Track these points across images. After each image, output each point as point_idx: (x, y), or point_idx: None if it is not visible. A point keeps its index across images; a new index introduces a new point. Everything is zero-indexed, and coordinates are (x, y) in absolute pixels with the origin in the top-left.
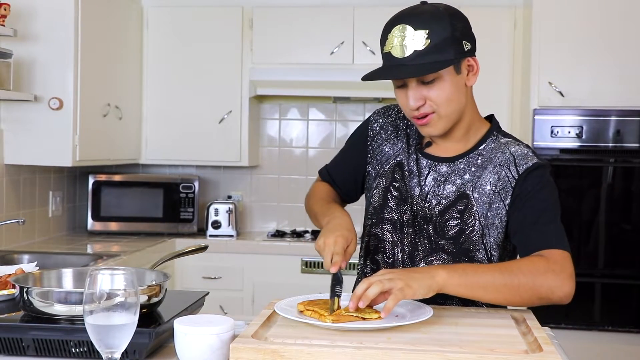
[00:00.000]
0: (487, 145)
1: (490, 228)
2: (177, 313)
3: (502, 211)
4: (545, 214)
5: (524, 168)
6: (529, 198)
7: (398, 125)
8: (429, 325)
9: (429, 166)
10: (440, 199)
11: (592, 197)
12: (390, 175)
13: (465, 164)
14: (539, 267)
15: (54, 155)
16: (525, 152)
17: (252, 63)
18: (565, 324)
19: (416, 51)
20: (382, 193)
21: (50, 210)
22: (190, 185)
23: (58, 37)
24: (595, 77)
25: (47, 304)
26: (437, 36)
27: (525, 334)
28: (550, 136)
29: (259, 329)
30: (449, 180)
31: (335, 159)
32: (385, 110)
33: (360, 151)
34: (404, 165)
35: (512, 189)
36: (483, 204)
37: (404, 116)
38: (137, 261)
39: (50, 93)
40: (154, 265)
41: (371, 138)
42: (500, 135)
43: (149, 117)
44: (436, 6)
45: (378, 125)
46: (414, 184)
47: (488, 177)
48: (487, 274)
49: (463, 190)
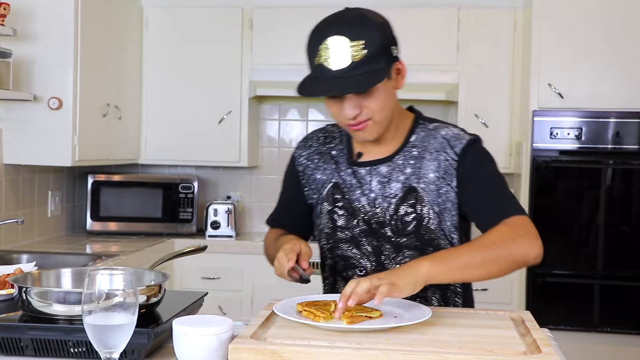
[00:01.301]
0: (417, 135)
1: (444, 213)
2: (176, 313)
3: (451, 194)
4: (493, 185)
5: (460, 148)
6: (473, 174)
7: (321, 150)
8: (427, 326)
9: (370, 172)
10: (389, 199)
11: (592, 199)
12: (330, 198)
13: (403, 159)
14: (507, 235)
15: (53, 155)
16: (456, 132)
17: (252, 63)
18: (564, 325)
19: (353, 62)
20: (328, 217)
21: (49, 210)
22: (190, 186)
23: (58, 37)
24: (595, 79)
25: (45, 304)
26: (371, 46)
27: (524, 335)
28: (550, 138)
29: (258, 329)
30: (392, 179)
31: (278, 206)
32: (305, 142)
33: (296, 190)
34: (341, 184)
35: (455, 171)
36: (431, 191)
37: (324, 140)
38: (136, 261)
39: (49, 93)
40: (153, 265)
41: (302, 173)
42: (426, 122)
43: (149, 117)
44: (363, 13)
45: (304, 158)
46: (357, 196)
47: (428, 165)
48: (466, 254)
49: (409, 184)
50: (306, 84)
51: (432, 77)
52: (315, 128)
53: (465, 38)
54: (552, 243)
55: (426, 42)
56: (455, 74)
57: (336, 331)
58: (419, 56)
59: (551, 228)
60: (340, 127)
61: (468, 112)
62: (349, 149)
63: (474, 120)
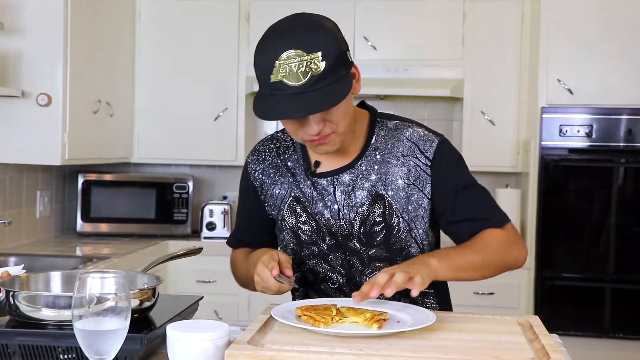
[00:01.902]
0: (377, 136)
1: (415, 221)
2: (170, 318)
3: (423, 201)
4: (473, 193)
5: (432, 152)
6: (449, 181)
7: (276, 163)
8: (431, 332)
9: (332, 183)
10: (356, 209)
11: (603, 199)
12: (292, 213)
13: (365, 164)
14: (503, 241)
15: (42, 153)
16: (422, 133)
17: (249, 58)
18: (574, 330)
19: (313, 76)
20: (292, 234)
21: (37, 211)
22: (184, 185)
23: (47, 31)
24: (606, 74)
25: (34, 309)
26: (330, 56)
27: (532, 340)
28: (559, 135)
29: (255, 334)
30: (357, 187)
31: (238, 224)
32: (258, 156)
33: (256, 205)
34: (301, 198)
35: (428, 177)
36: (400, 199)
37: (277, 152)
38: (129, 264)
39: (38, 89)
40: (146, 268)
41: (259, 188)
42: (384, 120)
43: (142, 114)
44: (314, 20)
45: (258, 173)
46: (320, 209)
47: (396, 171)
48: (467, 256)
49: (376, 192)
50: (267, 105)
51: (436, 73)
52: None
53: (471, 32)
54: (561, 245)
55: (430, 35)
56: (461, 70)
57: (337, 337)
58: (422, 51)
59: (561, 229)
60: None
61: (474, 109)
62: (305, 158)
63: (480, 117)
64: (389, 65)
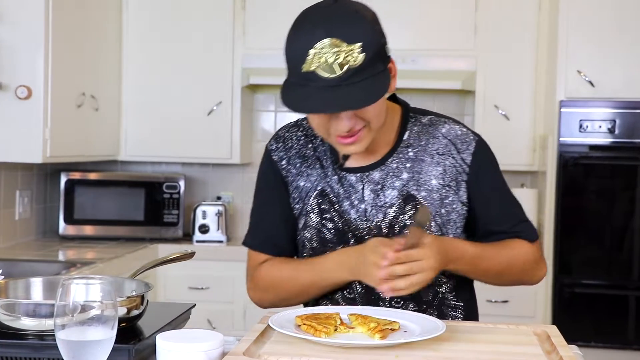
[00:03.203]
0: (410, 132)
1: (447, 226)
2: (160, 327)
3: (457, 205)
4: (508, 199)
5: (470, 152)
6: (486, 183)
7: (305, 153)
8: (441, 342)
9: (361, 179)
10: (385, 210)
11: (626, 200)
12: (317, 209)
13: (397, 162)
14: (530, 257)
15: (22, 150)
16: (459, 132)
17: (245, 48)
18: (595, 341)
19: (350, 69)
20: (315, 231)
21: (17, 212)
22: (175, 185)
23: (26, 18)
24: (630, 65)
25: (13, 318)
26: (369, 48)
27: (550, 352)
28: (579, 131)
29: (252, 345)
30: (386, 186)
31: (257, 221)
32: (284, 144)
33: (283, 195)
34: (328, 192)
35: (464, 182)
36: (434, 201)
37: (305, 140)
38: (116, 269)
39: (17, 81)
40: (135, 274)
41: (285, 177)
42: (417, 115)
43: (129, 108)
44: (355, 9)
45: (285, 161)
46: (346, 207)
47: (430, 170)
48: (492, 260)
49: (407, 192)
50: (298, 96)
51: (447, 64)
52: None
53: (484, 20)
54: (581, 249)
55: (440, 24)
56: (473, 60)
57: (339, 347)
58: (432, 40)
59: (580, 232)
60: None
61: (486, 103)
62: (333, 150)
63: (493, 111)
64: (396, 55)
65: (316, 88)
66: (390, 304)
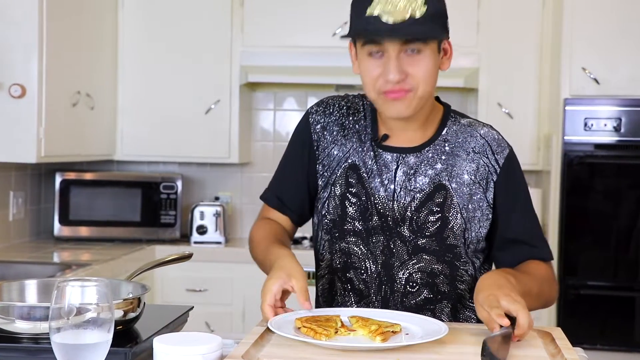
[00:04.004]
0: (449, 129)
1: (472, 222)
2: (157, 330)
3: (483, 204)
4: (530, 213)
5: (503, 157)
6: (512, 192)
7: (344, 123)
8: (443, 345)
9: (396, 160)
10: (414, 194)
11: (632, 200)
12: (344, 181)
13: (433, 152)
14: (550, 279)
15: (16, 150)
16: (497, 136)
17: (243, 46)
18: (601, 344)
19: (412, 18)
20: (338, 203)
21: (10, 214)
22: (172, 185)
23: (20, 15)
24: (635, 63)
25: (7, 321)
26: (433, 5)
27: (554, 355)
28: (584, 129)
29: (251, 348)
30: (419, 172)
31: (278, 177)
32: (325, 109)
33: (307, 160)
34: (360, 167)
35: (493, 182)
36: (463, 194)
37: (348, 111)
38: (112, 271)
39: (11, 79)
40: (131, 276)
41: (316, 142)
42: (457, 117)
43: (125, 107)
44: None
45: (320, 126)
46: (376, 185)
47: (464, 165)
48: (530, 283)
49: (439, 181)
50: (358, 30)
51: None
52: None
53: (486, 16)
54: (586, 250)
55: None
56: (475, 57)
57: (339, 350)
58: None
59: (585, 233)
60: (364, 100)
61: (490, 101)
62: (374, 127)
63: (496, 110)
64: None
65: (376, 29)
66: (404, 288)
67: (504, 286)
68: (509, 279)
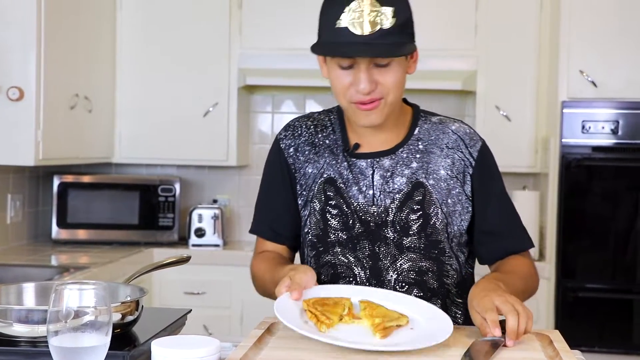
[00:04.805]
0: (420, 128)
1: (452, 216)
2: (155, 333)
3: (462, 197)
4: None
5: (477, 150)
6: (487, 183)
7: (314, 141)
8: (445, 348)
9: (371, 165)
10: (393, 195)
11: (630, 202)
12: (322, 196)
13: (407, 152)
14: (533, 272)
15: (14, 152)
16: (468, 130)
17: (241, 48)
18: (599, 347)
19: (382, 29)
20: (319, 217)
21: (8, 216)
22: (171, 188)
23: (18, 17)
24: (633, 65)
25: (5, 324)
26: (401, 15)
27: (552, 357)
28: (582, 132)
29: (249, 351)
30: (396, 173)
31: (263, 208)
32: (294, 131)
33: (289, 184)
34: (336, 179)
35: (470, 176)
36: (441, 189)
37: (314, 130)
38: (110, 274)
39: (8, 82)
40: (129, 279)
41: (292, 165)
42: (427, 115)
43: (123, 109)
44: None
45: (293, 148)
46: (354, 193)
47: (439, 161)
48: (518, 282)
49: (416, 179)
50: (327, 45)
51: (447, 64)
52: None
53: (484, 19)
54: (584, 253)
55: (439, 23)
56: (473, 60)
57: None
58: (431, 40)
59: (583, 236)
60: (331, 115)
61: (487, 104)
62: (344, 139)
63: (494, 112)
64: None
65: (346, 43)
66: (394, 289)
67: (496, 289)
68: (499, 285)
